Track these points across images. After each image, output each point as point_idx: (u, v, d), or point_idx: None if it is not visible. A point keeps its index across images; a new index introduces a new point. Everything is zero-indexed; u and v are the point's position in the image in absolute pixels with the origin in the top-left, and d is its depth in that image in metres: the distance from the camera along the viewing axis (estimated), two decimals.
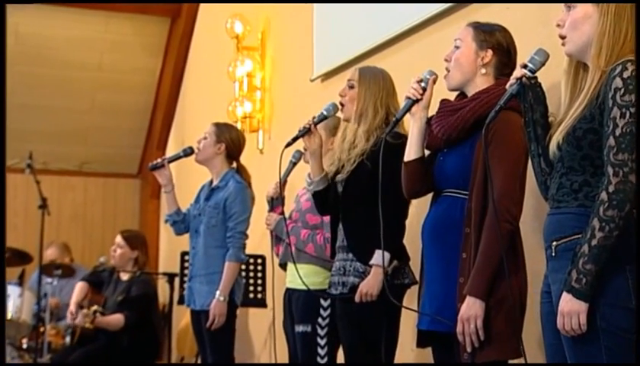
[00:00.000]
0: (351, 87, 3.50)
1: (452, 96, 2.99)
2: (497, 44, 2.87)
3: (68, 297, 6.07)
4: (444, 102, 2.93)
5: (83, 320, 5.54)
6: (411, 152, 2.97)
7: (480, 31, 2.88)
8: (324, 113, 3.49)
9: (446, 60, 2.91)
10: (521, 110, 2.68)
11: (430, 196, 3.02)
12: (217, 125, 4.65)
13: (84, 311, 5.60)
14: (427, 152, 2.99)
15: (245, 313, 5.89)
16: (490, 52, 2.86)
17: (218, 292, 4.38)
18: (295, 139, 3.46)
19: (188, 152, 4.71)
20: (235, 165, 4.65)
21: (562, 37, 2.41)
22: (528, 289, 2.77)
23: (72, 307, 5.77)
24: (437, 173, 2.92)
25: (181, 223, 4.70)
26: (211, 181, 4.64)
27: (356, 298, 3.33)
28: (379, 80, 3.49)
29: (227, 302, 4.39)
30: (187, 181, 6.35)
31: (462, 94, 2.95)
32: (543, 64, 2.47)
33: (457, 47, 2.89)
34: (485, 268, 2.66)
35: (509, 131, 2.70)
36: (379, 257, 3.28)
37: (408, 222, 3.45)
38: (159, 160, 4.73)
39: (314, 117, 3.48)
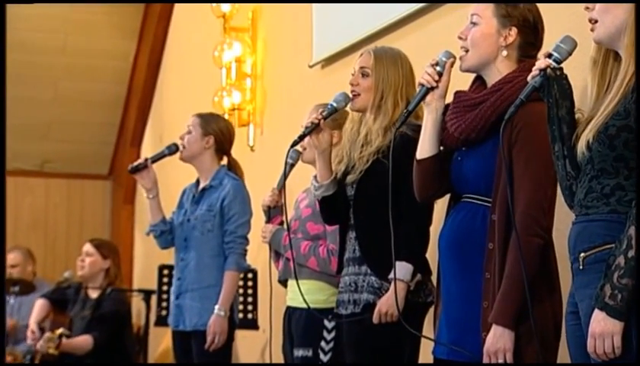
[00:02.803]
0: (364, 75, 3.48)
1: (467, 82, 2.96)
2: (523, 20, 2.82)
3: (28, 317, 6.08)
4: (459, 94, 2.89)
5: (46, 346, 5.53)
6: (424, 149, 2.94)
7: (501, 4, 2.83)
8: (334, 105, 3.43)
9: (460, 38, 2.87)
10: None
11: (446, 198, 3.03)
12: (201, 116, 4.63)
13: (47, 335, 5.60)
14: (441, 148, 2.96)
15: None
16: (514, 31, 2.82)
17: (217, 306, 4.34)
18: (302, 138, 3.44)
19: (173, 149, 4.65)
20: (225, 160, 4.65)
21: (592, 21, 2.43)
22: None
23: (33, 325, 5.78)
24: (455, 175, 2.90)
25: (169, 234, 4.64)
26: (197, 182, 4.64)
27: (375, 319, 3.30)
28: (397, 66, 3.47)
29: (228, 318, 4.38)
30: (171, 183, 6.39)
31: (478, 79, 2.91)
32: (570, 53, 2.49)
33: (474, 23, 2.85)
34: (513, 292, 2.63)
35: (537, 127, 2.64)
36: (401, 269, 3.25)
37: None
38: (141, 160, 4.69)
39: (322, 111, 3.43)
